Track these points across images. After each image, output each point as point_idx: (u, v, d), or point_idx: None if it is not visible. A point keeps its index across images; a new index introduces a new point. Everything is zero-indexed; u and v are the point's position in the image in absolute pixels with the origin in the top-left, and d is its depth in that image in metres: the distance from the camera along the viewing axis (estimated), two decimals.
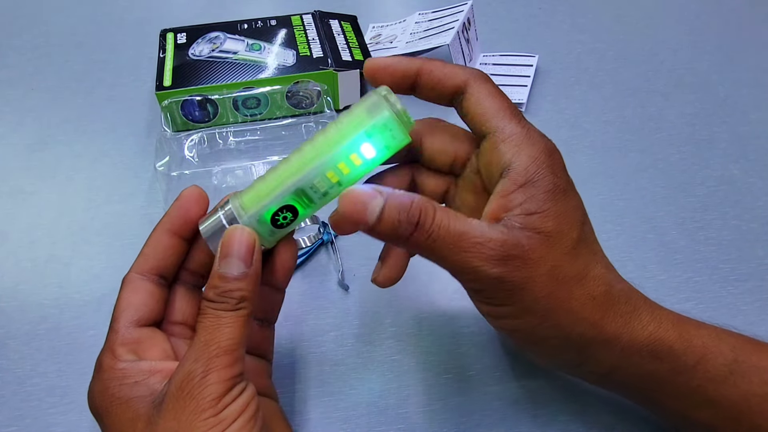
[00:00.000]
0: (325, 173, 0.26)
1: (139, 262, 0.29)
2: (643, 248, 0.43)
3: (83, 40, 0.66)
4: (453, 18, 0.58)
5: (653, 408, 0.31)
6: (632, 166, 0.50)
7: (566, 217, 0.26)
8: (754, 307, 0.40)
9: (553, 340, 0.27)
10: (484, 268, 0.25)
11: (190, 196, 0.29)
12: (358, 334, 0.38)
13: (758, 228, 0.45)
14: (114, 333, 0.27)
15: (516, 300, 0.26)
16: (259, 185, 0.27)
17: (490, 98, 0.27)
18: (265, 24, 0.59)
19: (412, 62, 0.28)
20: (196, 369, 0.24)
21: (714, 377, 0.27)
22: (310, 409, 0.35)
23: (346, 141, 0.26)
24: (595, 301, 0.26)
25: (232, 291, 0.25)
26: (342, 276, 0.41)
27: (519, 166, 0.26)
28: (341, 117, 0.27)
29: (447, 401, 0.35)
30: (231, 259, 0.26)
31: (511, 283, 0.25)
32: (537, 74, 0.59)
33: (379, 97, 0.26)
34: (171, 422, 0.24)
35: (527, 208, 0.26)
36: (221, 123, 0.53)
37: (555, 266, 0.26)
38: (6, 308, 0.40)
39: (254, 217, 0.27)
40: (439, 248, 0.25)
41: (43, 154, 0.52)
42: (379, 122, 0.26)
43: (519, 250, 0.25)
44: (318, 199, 0.27)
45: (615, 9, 0.71)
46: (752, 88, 0.58)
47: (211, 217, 0.28)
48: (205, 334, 0.25)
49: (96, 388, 0.26)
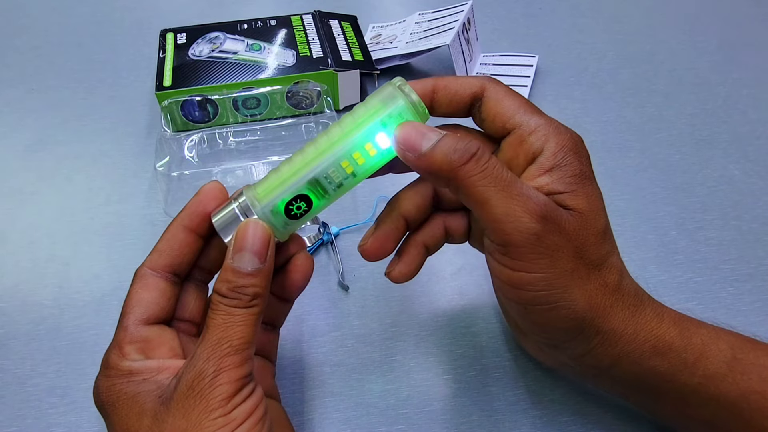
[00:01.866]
0: (340, 163, 0.26)
1: (153, 258, 0.28)
2: (643, 248, 0.43)
3: (83, 40, 0.66)
4: (453, 18, 0.58)
5: (653, 407, 0.31)
6: (632, 166, 0.50)
7: (594, 201, 0.27)
8: (754, 307, 0.40)
9: (564, 322, 0.27)
10: (526, 220, 0.25)
11: (210, 191, 0.28)
12: (358, 334, 0.38)
13: (758, 228, 0.45)
14: (123, 330, 0.27)
15: (542, 267, 0.26)
16: (274, 176, 0.27)
17: (508, 97, 0.28)
18: (265, 24, 0.59)
19: (425, 82, 0.29)
20: (207, 368, 0.24)
21: (713, 375, 0.27)
22: (311, 410, 0.35)
23: (361, 130, 0.26)
24: (606, 289, 0.27)
25: (245, 287, 0.25)
26: (342, 276, 0.41)
27: (548, 152, 0.27)
28: (356, 108, 0.27)
29: (447, 401, 0.35)
30: (245, 253, 0.25)
31: (545, 244, 0.25)
32: (537, 74, 0.59)
33: (393, 88, 0.26)
34: (180, 420, 0.23)
35: (554, 188, 0.26)
36: (221, 123, 0.53)
37: (583, 245, 0.26)
38: (6, 308, 0.40)
39: (268, 207, 0.27)
40: (487, 187, 0.25)
41: (43, 154, 0.52)
42: (395, 111, 0.26)
43: (558, 217, 0.25)
44: (332, 190, 0.27)
45: (615, 9, 0.71)
46: (752, 88, 0.58)
47: (224, 209, 0.27)
48: (217, 332, 0.25)
49: (102, 384, 0.26)
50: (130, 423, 0.25)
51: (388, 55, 0.59)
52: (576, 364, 0.30)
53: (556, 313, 0.27)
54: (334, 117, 0.50)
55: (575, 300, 0.26)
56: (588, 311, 0.26)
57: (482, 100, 0.28)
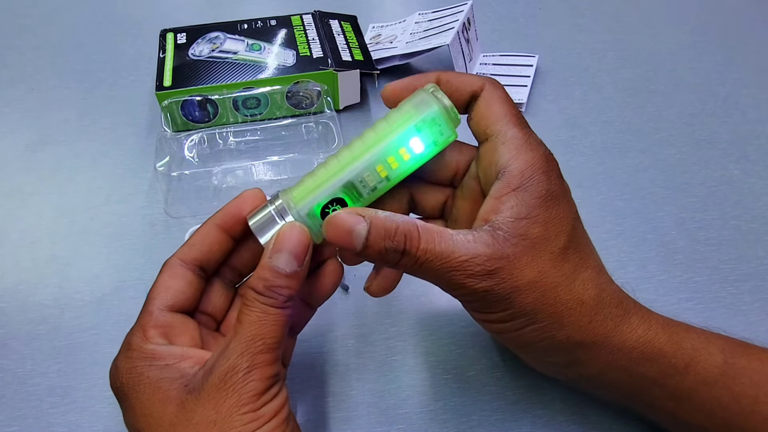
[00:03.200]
0: (375, 167, 0.27)
1: (184, 250, 0.29)
2: (643, 248, 0.43)
3: (83, 40, 0.66)
4: (453, 18, 0.58)
5: (647, 413, 0.31)
6: (632, 166, 0.50)
7: (555, 223, 0.27)
8: (754, 307, 0.40)
9: (540, 343, 0.27)
10: (471, 284, 0.25)
11: (249, 197, 0.29)
12: (358, 334, 0.38)
13: (758, 228, 0.45)
14: (148, 314, 0.27)
15: (503, 307, 0.26)
16: (309, 180, 0.28)
17: (499, 103, 0.28)
18: (265, 24, 0.59)
19: (428, 76, 0.29)
20: (241, 363, 0.24)
21: (705, 379, 0.27)
22: (311, 410, 0.35)
23: (395, 135, 0.27)
24: (584, 306, 0.27)
25: (281, 287, 0.26)
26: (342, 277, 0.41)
27: (515, 169, 0.27)
28: (390, 113, 0.28)
29: (447, 401, 0.35)
30: (284, 254, 0.26)
31: (497, 294, 0.26)
32: (537, 74, 0.59)
33: (427, 94, 0.27)
34: (210, 411, 0.24)
35: (517, 212, 0.26)
36: (221, 123, 0.53)
37: (541, 272, 0.26)
38: (6, 308, 0.40)
39: (304, 210, 0.27)
40: (426, 270, 0.26)
41: (43, 154, 0.52)
42: (428, 116, 0.27)
43: (504, 261, 0.26)
44: (367, 193, 0.28)
45: (615, 9, 0.71)
46: (752, 88, 0.58)
47: (261, 211, 0.28)
48: (252, 328, 0.25)
49: (123, 366, 0.26)
50: (153, 408, 0.25)
51: (388, 55, 0.59)
52: (564, 374, 0.31)
53: (529, 337, 0.27)
54: (334, 117, 0.50)
55: (543, 325, 0.27)
56: (561, 330, 0.27)
57: (477, 99, 0.29)
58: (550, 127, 0.54)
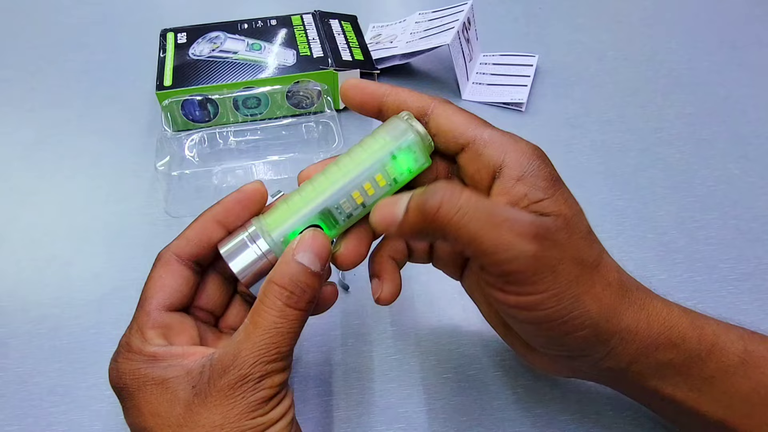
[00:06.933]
0: (351, 194, 0.27)
1: (180, 244, 0.28)
2: (643, 248, 0.43)
3: (83, 40, 0.66)
4: (453, 18, 0.58)
5: (667, 408, 0.30)
6: (632, 166, 0.50)
7: (574, 203, 0.26)
8: (754, 306, 0.40)
9: (582, 332, 0.26)
10: (520, 244, 0.24)
11: (250, 191, 0.29)
12: (358, 334, 0.38)
13: (758, 227, 0.45)
14: (145, 315, 0.27)
15: (547, 285, 0.25)
16: (283, 207, 0.27)
17: (457, 114, 0.28)
18: (265, 24, 0.59)
19: (381, 86, 0.29)
20: (254, 373, 0.24)
21: (726, 367, 0.27)
22: (311, 409, 0.35)
23: (372, 161, 0.27)
24: (611, 288, 0.26)
25: (306, 284, 0.25)
26: (342, 276, 0.41)
27: (512, 161, 0.26)
28: (365, 140, 0.27)
29: (447, 401, 0.35)
30: (309, 253, 0.25)
31: (544, 262, 0.24)
32: (537, 74, 0.59)
33: (403, 122, 0.27)
34: (217, 416, 0.24)
35: (533, 196, 0.25)
36: (221, 123, 0.53)
37: (577, 250, 0.25)
38: (7, 308, 0.40)
39: (280, 237, 0.27)
40: (469, 224, 0.24)
41: (43, 153, 0.52)
42: (404, 144, 0.27)
43: (547, 230, 0.25)
44: (343, 220, 0.27)
45: (615, 9, 0.71)
46: (752, 88, 0.58)
47: (233, 239, 0.28)
48: (268, 336, 0.25)
49: (125, 367, 0.26)
50: (161, 408, 0.25)
51: (388, 55, 0.59)
52: (594, 370, 0.29)
53: (570, 324, 0.26)
54: (334, 117, 0.50)
55: (586, 307, 0.26)
56: (600, 315, 0.26)
57: (429, 116, 0.28)
58: (550, 127, 0.54)
